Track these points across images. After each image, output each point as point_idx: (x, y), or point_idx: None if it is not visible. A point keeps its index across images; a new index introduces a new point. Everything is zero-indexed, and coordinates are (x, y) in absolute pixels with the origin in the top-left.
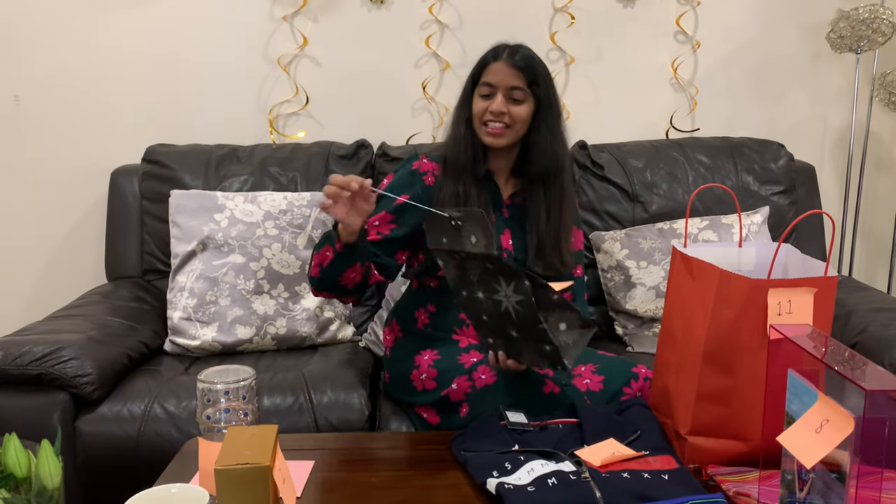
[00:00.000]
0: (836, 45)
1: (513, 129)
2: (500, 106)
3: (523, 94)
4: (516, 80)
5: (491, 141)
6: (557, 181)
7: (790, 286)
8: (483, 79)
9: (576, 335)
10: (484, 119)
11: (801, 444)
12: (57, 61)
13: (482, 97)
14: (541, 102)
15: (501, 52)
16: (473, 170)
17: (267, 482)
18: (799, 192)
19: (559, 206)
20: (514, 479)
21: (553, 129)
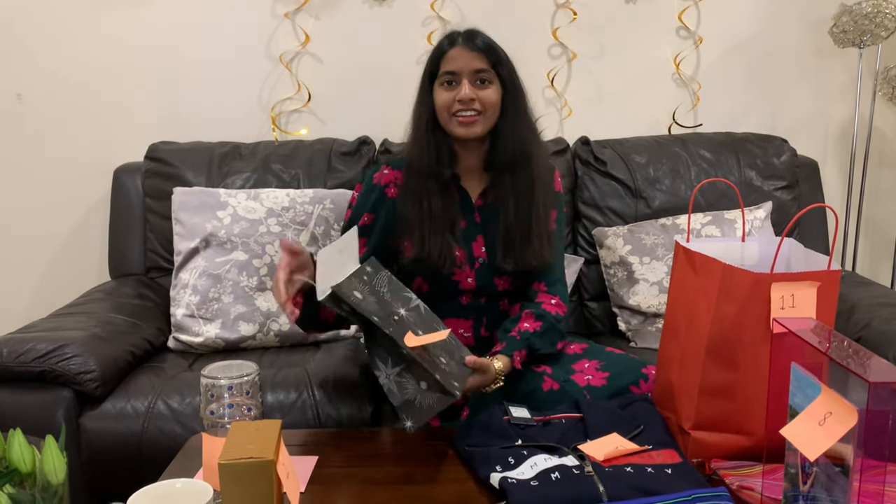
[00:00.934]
0: (839, 40)
1: (485, 115)
2: (469, 92)
3: (490, 75)
4: (480, 62)
5: (464, 132)
6: (526, 169)
7: (793, 280)
8: (443, 68)
9: (433, 399)
10: (453, 110)
11: (805, 437)
12: (59, 59)
13: (445, 88)
14: (506, 85)
15: (456, 37)
16: (438, 174)
17: (271, 476)
18: (802, 188)
19: (529, 194)
20: (517, 474)
21: (519, 113)
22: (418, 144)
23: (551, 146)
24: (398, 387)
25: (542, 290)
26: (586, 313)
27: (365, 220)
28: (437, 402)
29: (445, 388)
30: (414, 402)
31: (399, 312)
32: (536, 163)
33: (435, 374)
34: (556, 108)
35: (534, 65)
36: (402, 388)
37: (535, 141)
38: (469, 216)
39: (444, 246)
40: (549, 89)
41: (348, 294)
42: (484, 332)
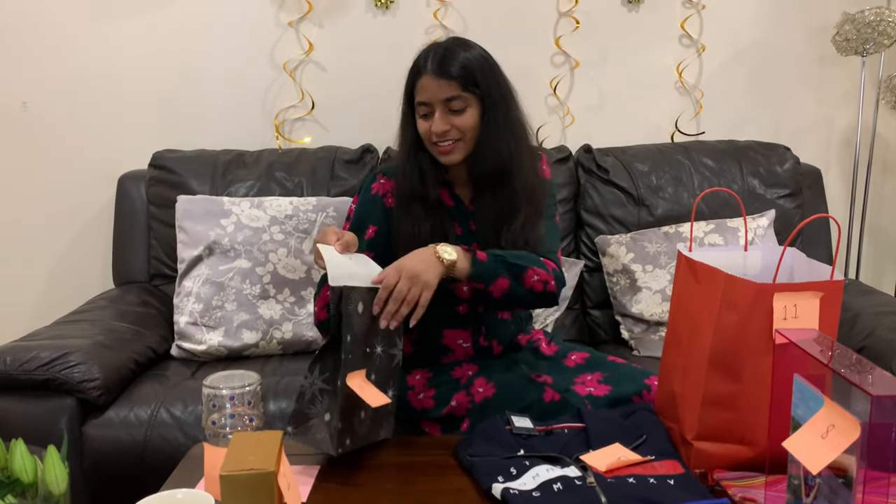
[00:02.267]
0: (842, 48)
1: (464, 140)
2: (441, 124)
3: (462, 101)
4: (450, 89)
5: (446, 160)
6: (508, 181)
7: (796, 290)
8: (417, 97)
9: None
10: (432, 140)
11: (807, 449)
12: (64, 67)
13: (422, 116)
14: (484, 101)
15: (427, 61)
16: (424, 197)
17: (272, 488)
18: (805, 196)
19: (511, 206)
20: (519, 485)
21: (501, 125)
22: (403, 168)
23: (554, 154)
24: (311, 398)
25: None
26: (589, 321)
27: (370, 234)
28: (321, 441)
29: (333, 439)
30: (309, 419)
31: (376, 350)
32: (518, 174)
33: (339, 422)
34: (559, 115)
35: (536, 73)
36: (312, 402)
37: (518, 151)
38: (464, 223)
39: None
40: (552, 97)
41: (354, 300)
42: (483, 342)
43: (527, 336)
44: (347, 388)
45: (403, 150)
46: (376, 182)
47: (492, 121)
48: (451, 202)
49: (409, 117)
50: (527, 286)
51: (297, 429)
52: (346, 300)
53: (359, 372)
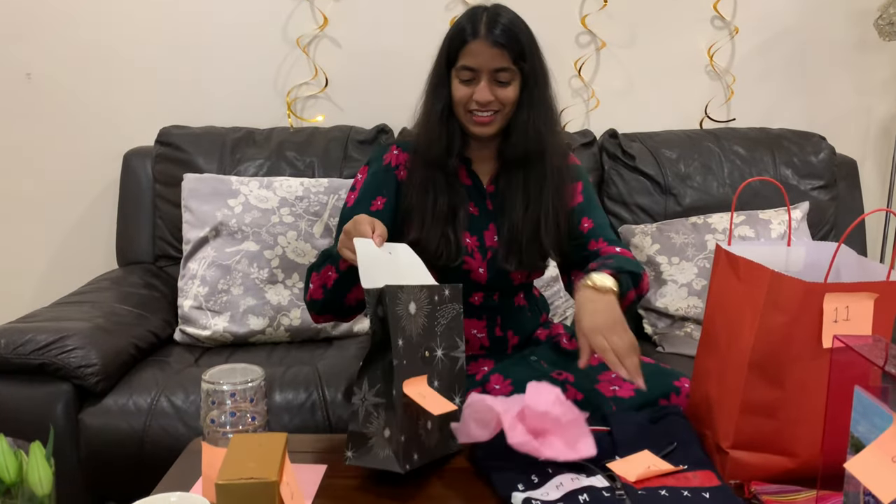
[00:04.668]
0: (885, 33)
1: (502, 113)
2: (487, 94)
3: (510, 74)
4: (501, 60)
5: (479, 131)
6: (539, 164)
7: (849, 291)
8: (461, 61)
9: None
10: (469, 108)
11: (876, 474)
12: (70, 39)
13: (463, 82)
14: (526, 79)
15: (479, 25)
16: (445, 165)
17: (273, 499)
18: (840, 188)
19: (540, 189)
20: (541, 494)
21: (537, 104)
22: (430, 134)
23: (578, 138)
24: (365, 416)
25: (603, 246)
26: None
27: (378, 205)
28: (384, 459)
29: (399, 455)
30: (368, 439)
31: (436, 353)
32: (550, 156)
33: (401, 435)
34: (583, 99)
35: (561, 53)
36: (367, 420)
37: (551, 132)
38: (481, 203)
39: (443, 238)
40: (577, 79)
41: (403, 300)
42: (499, 332)
43: (546, 331)
44: (405, 397)
45: (431, 115)
46: (389, 153)
47: (531, 98)
48: (469, 180)
49: (443, 80)
50: (643, 292)
51: (357, 452)
52: (392, 301)
53: (418, 379)
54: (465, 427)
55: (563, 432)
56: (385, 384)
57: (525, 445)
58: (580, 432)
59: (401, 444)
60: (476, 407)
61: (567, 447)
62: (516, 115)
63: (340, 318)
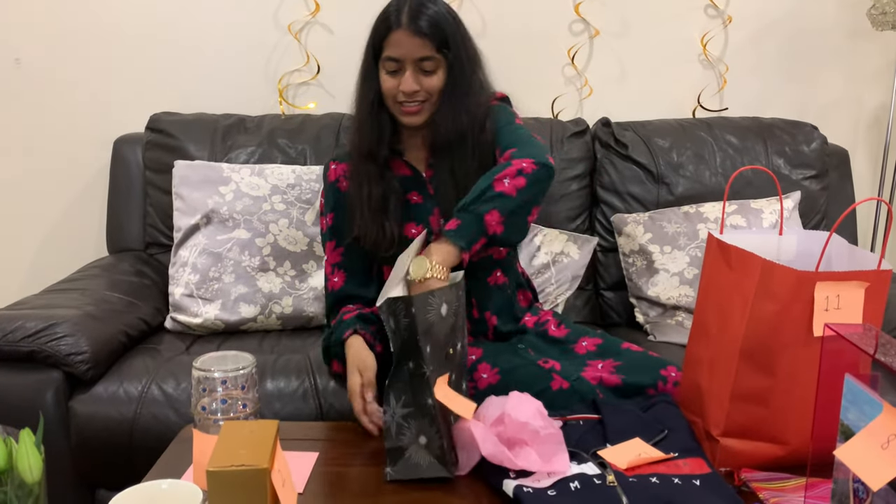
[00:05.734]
0: (878, 22)
1: (430, 102)
2: (412, 84)
3: (434, 63)
4: (424, 49)
5: (409, 120)
6: (462, 148)
7: (840, 279)
8: (385, 52)
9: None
10: (397, 99)
11: (865, 461)
12: (59, 23)
13: (389, 73)
14: (451, 65)
15: (401, 15)
16: (377, 156)
17: (265, 486)
18: (831, 177)
19: (465, 170)
20: (532, 482)
21: (465, 87)
22: (361, 126)
23: (570, 127)
24: (397, 429)
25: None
26: (602, 303)
27: (329, 222)
28: (428, 467)
29: (445, 460)
30: (405, 452)
31: (457, 347)
32: (478, 137)
33: (442, 440)
34: (576, 87)
35: (553, 41)
36: (400, 433)
37: (477, 112)
38: (423, 190)
39: (380, 229)
40: (569, 67)
41: (435, 306)
42: (476, 314)
43: (535, 317)
44: (440, 402)
45: (362, 107)
46: (329, 169)
47: (456, 84)
48: (408, 170)
49: (371, 72)
50: (508, 192)
51: (396, 466)
52: (421, 310)
53: (442, 379)
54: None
55: (539, 445)
56: (412, 395)
57: (497, 456)
58: (557, 448)
59: (444, 450)
60: (457, 436)
61: (542, 460)
62: (442, 103)
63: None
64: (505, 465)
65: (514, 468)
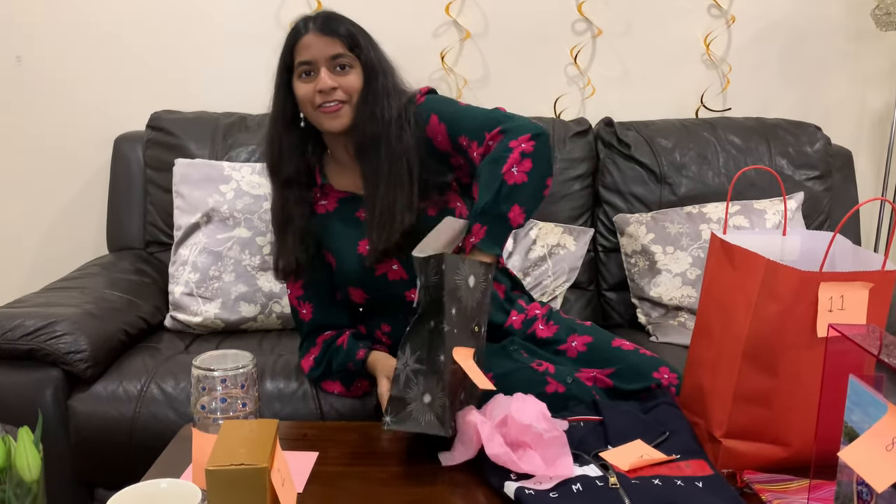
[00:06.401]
0: (882, 23)
1: (350, 103)
2: (328, 80)
3: (349, 59)
4: (336, 46)
5: (332, 124)
6: (382, 147)
7: (844, 280)
8: (298, 58)
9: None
10: (316, 102)
11: (869, 463)
12: (61, 20)
13: (303, 80)
14: (366, 67)
15: (308, 22)
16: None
17: (264, 485)
18: (835, 178)
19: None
20: (534, 483)
21: (381, 90)
22: (272, 142)
23: (572, 126)
24: (405, 381)
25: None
26: (604, 304)
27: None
28: (427, 424)
29: (443, 420)
30: (407, 404)
31: (482, 329)
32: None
33: (446, 399)
34: (579, 86)
35: (556, 40)
36: (407, 385)
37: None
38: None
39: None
40: (572, 67)
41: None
42: None
43: (521, 315)
44: (454, 363)
45: (278, 123)
46: None
47: (373, 87)
48: (345, 194)
49: (283, 89)
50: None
51: (396, 416)
52: (450, 269)
53: (467, 351)
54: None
55: (543, 449)
56: (427, 351)
57: (502, 458)
58: (560, 451)
59: (446, 409)
60: (462, 431)
61: (545, 464)
62: (361, 107)
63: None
64: (509, 467)
65: (517, 471)
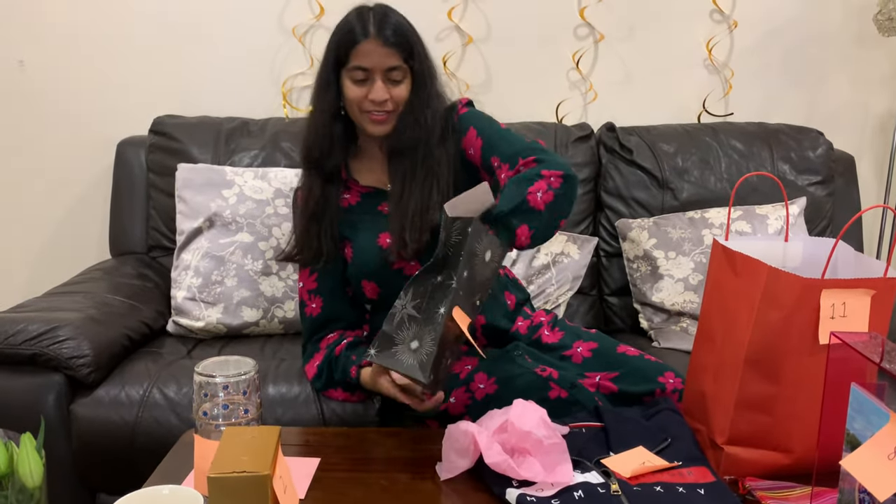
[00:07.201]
0: (884, 28)
1: (395, 112)
2: (383, 93)
3: (401, 73)
4: (393, 59)
5: (376, 130)
6: (420, 149)
7: (846, 287)
8: (354, 62)
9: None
10: (364, 108)
11: (872, 471)
12: (63, 25)
13: (356, 82)
14: (416, 75)
15: (368, 25)
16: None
17: (266, 492)
18: (837, 183)
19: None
20: (536, 491)
21: (426, 98)
22: (315, 134)
23: (574, 132)
24: (398, 323)
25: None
26: (606, 309)
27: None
28: (408, 367)
29: (424, 366)
30: (395, 344)
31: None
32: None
33: (433, 349)
34: (581, 91)
35: (558, 45)
36: (400, 327)
37: (435, 122)
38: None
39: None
40: (574, 71)
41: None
42: None
43: (527, 321)
44: (452, 321)
45: (321, 116)
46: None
47: (419, 95)
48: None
49: (332, 80)
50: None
51: (380, 352)
52: (475, 237)
53: (465, 317)
54: (447, 461)
55: (543, 455)
56: (427, 302)
57: (501, 465)
58: (560, 458)
59: (431, 356)
60: (454, 436)
61: (545, 470)
62: (406, 115)
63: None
64: (508, 474)
65: (517, 478)
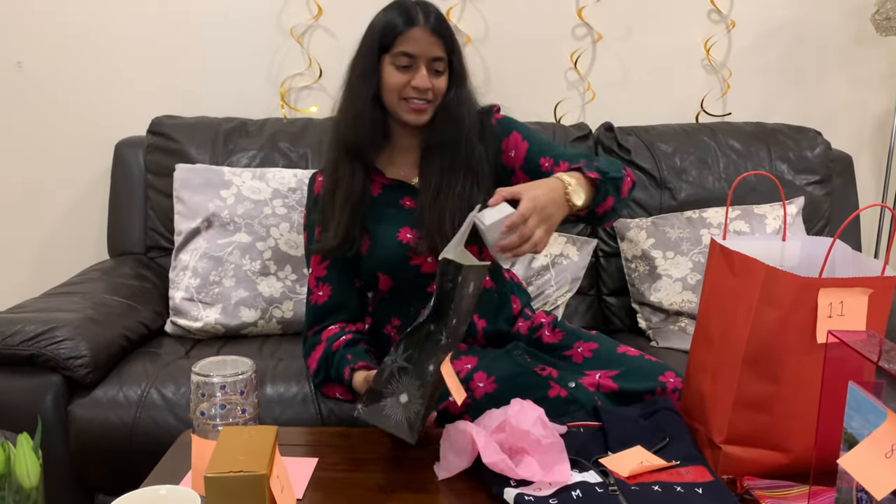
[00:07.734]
0: (882, 28)
1: (433, 104)
2: (426, 80)
3: (443, 64)
4: (438, 49)
5: (414, 119)
6: (454, 151)
7: (844, 286)
8: (399, 47)
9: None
10: (405, 95)
11: (869, 470)
12: (61, 26)
13: (399, 69)
14: (454, 71)
15: (415, 14)
16: (364, 150)
17: (263, 492)
18: (835, 183)
19: (449, 175)
20: (534, 491)
21: (464, 98)
22: (356, 120)
23: (573, 131)
24: (388, 376)
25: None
26: (604, 309)
27: (317, 235)
28: (395, 424)
29: (413, 426)
30: (383, 399)
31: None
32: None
33: (422, 407)
34: (579, 91)
35: (557, 45)
36: (388, 382)
37: (469, 120)
38: (415, 196)
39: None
40: (572, 72)
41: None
42: None
43: (527, 322)
44: (438, 376)
45: (360, 101)
46: (316, 182)
47: (457, 91)
48: (394, 181)
49: (373, 66)
50: (623, 196)
51: (368, 407)
52: (463, 282)
53: (451, 369)
54: (445, 461)
55: (541, 455)
56: (419, 353)
57: (499, 465)
58: (558, 457)
59: (419, 417)
60: (452, 436)
61: (543, 470)
62: (443, 110)
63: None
64: (506, 474)
65: (515, 477)
